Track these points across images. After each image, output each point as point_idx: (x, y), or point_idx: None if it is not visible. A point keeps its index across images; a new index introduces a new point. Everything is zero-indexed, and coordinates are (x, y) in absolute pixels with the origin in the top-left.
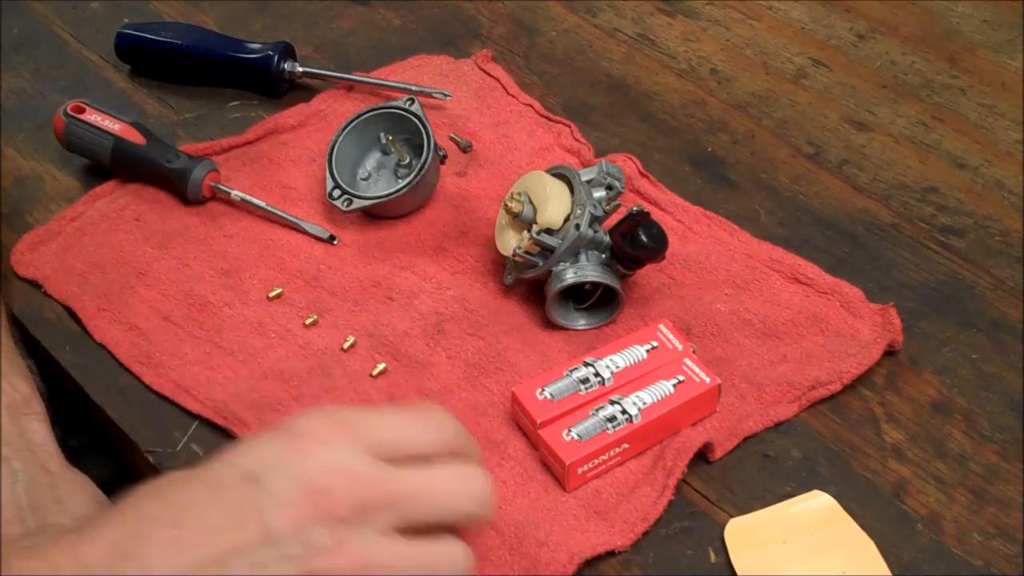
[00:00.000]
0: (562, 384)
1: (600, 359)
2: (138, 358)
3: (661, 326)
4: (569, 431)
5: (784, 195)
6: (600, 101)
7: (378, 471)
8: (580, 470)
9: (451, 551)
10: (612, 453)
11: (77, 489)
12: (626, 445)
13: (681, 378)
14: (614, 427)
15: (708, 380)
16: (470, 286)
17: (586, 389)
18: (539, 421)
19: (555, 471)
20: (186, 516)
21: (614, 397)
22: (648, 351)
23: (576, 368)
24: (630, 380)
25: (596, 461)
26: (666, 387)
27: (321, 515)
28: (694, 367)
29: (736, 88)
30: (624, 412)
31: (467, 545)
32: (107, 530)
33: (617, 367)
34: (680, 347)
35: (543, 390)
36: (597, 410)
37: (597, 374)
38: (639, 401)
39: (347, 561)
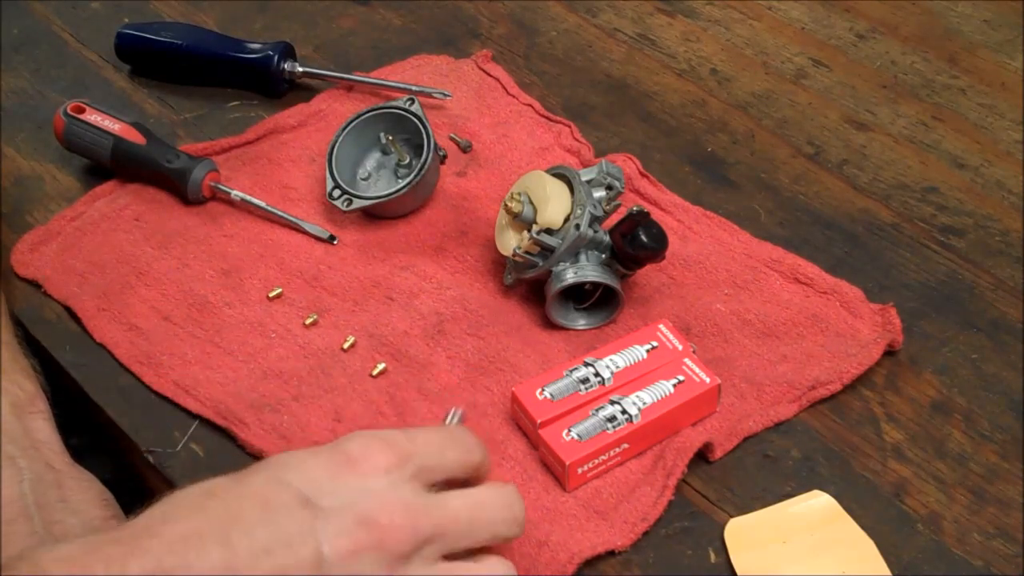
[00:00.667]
0: (562, 384)
1: (600, 359)
2: (138, 358)
3: (661, 326)
4: (569, 431)
5: (784, 195)
6: (600, 101)
7: (428, 503)
8: (580, 470)
9: (494, 568)
10: (612, 453)
11: (82, 487)
12: (626, 445)
13: (681, 378)
14: (614, 427)
15: (708, 380)
16: (470, 286)
17: (586, 389)
18: (539, 421)
19: (555, 471)
20: (234, 535)
21: (614, 397)
22: (648, 351)
23: (576, 368)
24: (630, 380)
25: (596, 461)
26: (666, 387)
27: (374, 547)
28: (694, 367)
29: (736, 88)
30: (624, 412)
31: (509, 563)
32: (153, 546)
33: (617, 367)
34: (680, 347)
35: (543, 390)
36: (597, 410)
37: (597, 374)
38: (639, 401)
39: None
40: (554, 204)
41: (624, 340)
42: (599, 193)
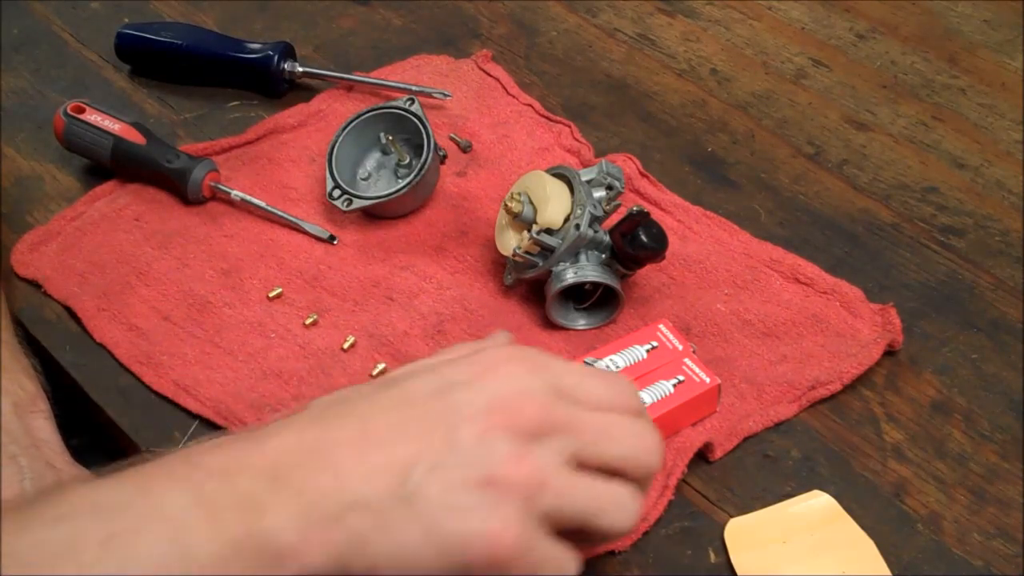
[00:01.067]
0: None
1: (600, 359)
2: (138, 358)
3: (661, 326)
4: None
5: (784, 195)
6: (600, 101)
7: (561, 400)
8: None
9: (622, 495)
10: None
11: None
12: None
13: (681, 378)
14: None
15: (708, 380)
16: (470, 286)
17: None
18: None
19: None
20: (374, 423)
21: None
22: (648, 351)
23: None
24: (633, 380)
25: None
26: (666, 387)
27: (505, 427)
28: (694, 367)
29: (736, 88)
30: None
31: (639, 495)
32: (295, 427)
33: (617, 367)
34: (680, 347)
35: None
36: None
37: None
38: None
39: (527, 473)
40: (554, 204)
41: (624, 340)
42: (599, 193)
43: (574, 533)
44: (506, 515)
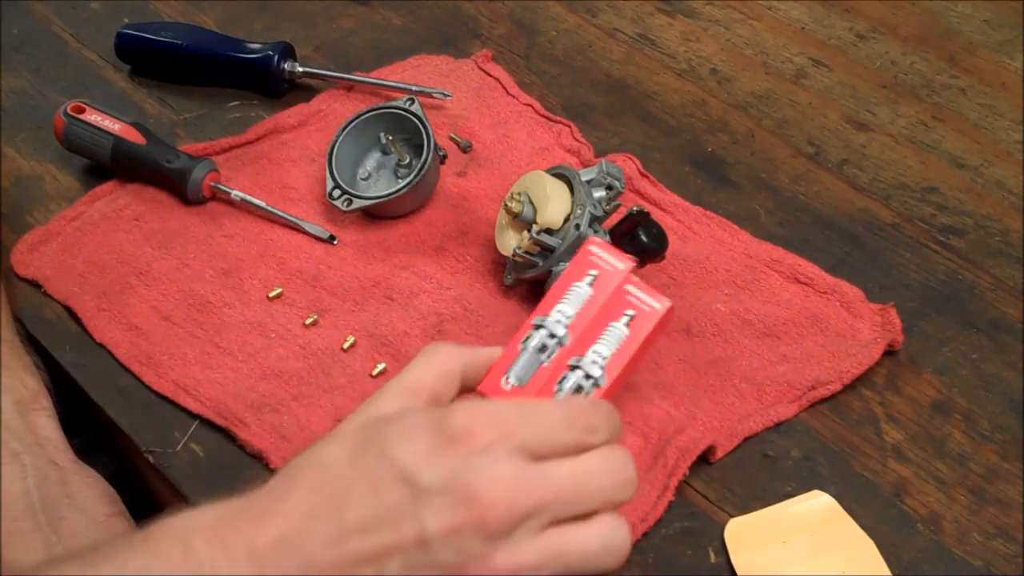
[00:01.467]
0: (523, 362)
1: (547, 316)
2: (138, 358)
3: (591, 247)
4: None
5: (784, 195)
6: (600, 101)
7: (532, 476)
8: None
9: (604, 532)
10: None
11: (87, 484)
12: None
13: (631, 312)
14: (586, 397)
15: (659, 306)
16: (470, 286)
17: (548, 358)
18: None
19: None
20: (347, 513)
21: (572, 361)
22: (591, 283)
23: (529, 336)
24: (585, 327)
25: None
26: (620, 329)
27: (474, 524)
28: (640, 294)
29: (736, 88)
30: (588, 376)
31: (623, 520)
32: (276, 520)
33: (568, 317)
34: (621, 265)
35: (507, 378)
36: (561, 382)
37: (552, 335)
38: (598, 357)
39: (498, 569)
40: (554, 204)
41: (562, 281)
42: (599, 193)
43: None
44: None
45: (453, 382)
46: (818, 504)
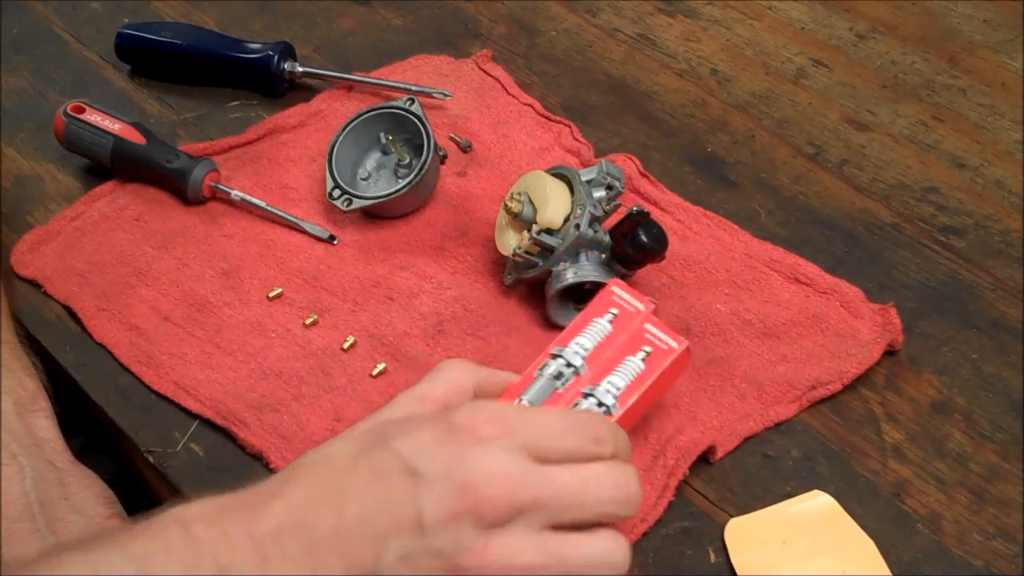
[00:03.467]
0: (538, 387)
1: (565, 347)
2: (138, 358)
3: (614, 287)
4: None
5: (784, 195)
6: (600, 101)
7: (531, 473)
8: None
9: (604, 545)
10: None
11: (85, 485)
12: None
13: (648, 349)
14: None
15: (676, 344)
16: (470, 286)
17: (563, 385)
18: None
19: None
20: (348, 503)
21: (586, 389)
22: (611, 320)
23: (546, 364)
24: (602, 360)
25: None
26: (635, 364)
27: (472, 514)
28: (658, 332)
29: (736, 88)
30: (601, 404)
31: (624, 538)
32: (276, 508)
33: (586, 350)
34: (641, 307)
35: (520, 400)
36: (574, 407)
37: (569, 364)
38: (613, 387)
39: (493, 560)
40: (554, 204)
41: (584, 317)
42: (599, 193)
43: None
44: None
45: (464, 396)
46: (818, 504)
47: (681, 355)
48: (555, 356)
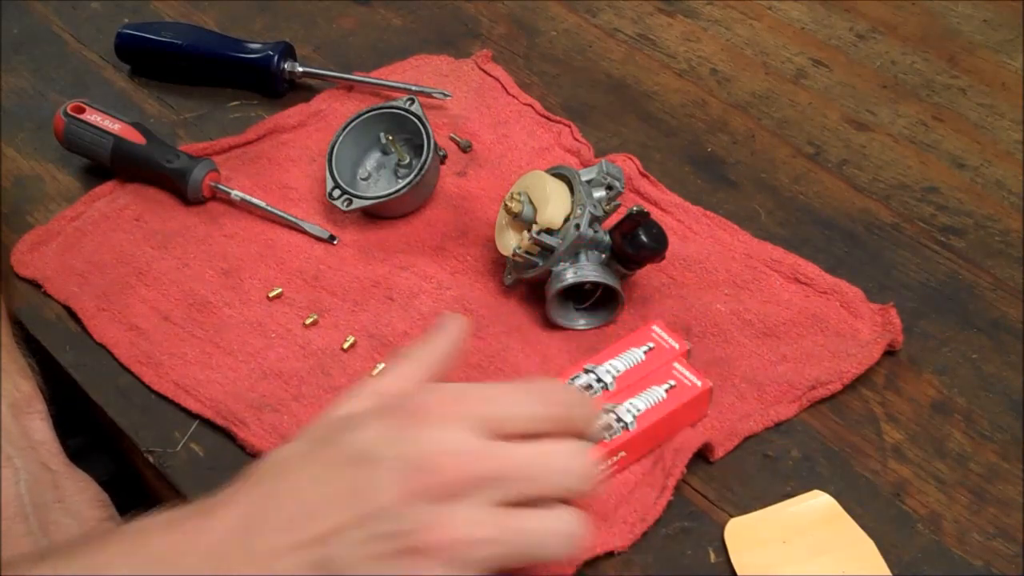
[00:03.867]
0: None
1: (599, 365)
2: (138, 358)
3: (655, 327)
4: None
5: (784, 195)
6: (600, 101)
7: (484, 448)
8: None
9: (559, 519)
10: (610, 462)
11: (79, 488)
12: (623, 453)
13: (672, 383)
14: (611, 436)
15: (699, 384)
16: (470, 286)
17: (591, 396)
18: None
19: None
20: (305, 495)
21: (607, 405)
22: (646, 352)
23: (577, 376)
24: (631, 383)
25: None
26: (659, 392)
27: (426, 492)
28: (684, 371)
29: (736, 88)
30: (619, 420)
31: (580, 513)
32: (226, 513)
33: (617, 371)
34: (676, 346)
35: None
36: None
37: (599, 379)
38: (633, 408)
39: (449, 535)
40: (554, 204)
41: (621, 344)
42: (599, 193)
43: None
44: None
45: (417, 385)
46: (818, 504)
47: (701, 394)
48: (587, 371)
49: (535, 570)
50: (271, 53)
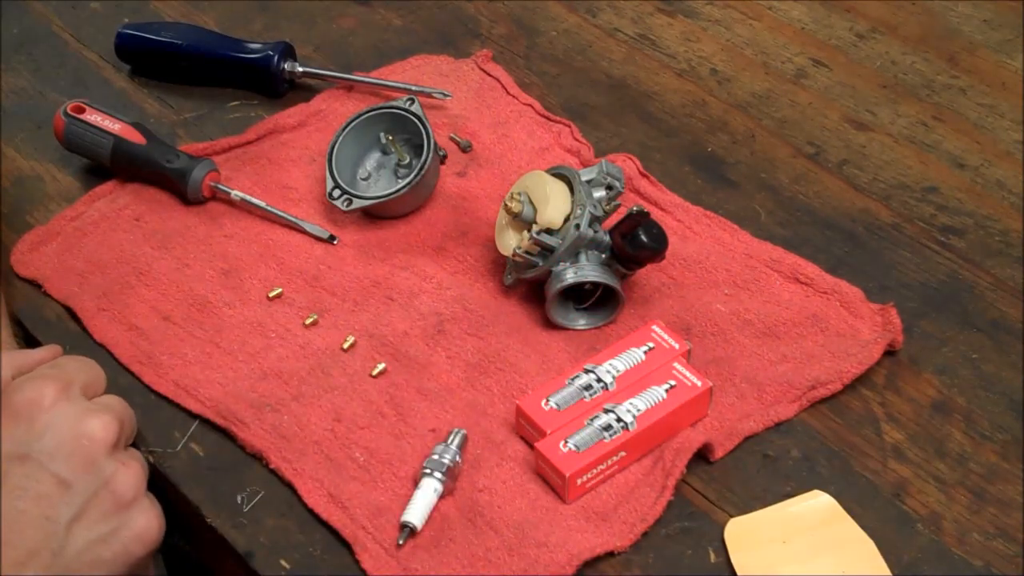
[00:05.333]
0: (566, 393)
1: (600, 365)
2: (138, 358)
3: (654, 327)
4: (566, 442)
5: (784, 195)
6: (600, 101)
7: (103, 405)
8: (580, 481)
9: (98, 403)
10: (610, 462)
11: None
12: (623, 453)
13: (673, 383)
14: (611, 436)
15: (699, 384)
16: (470, 286)
17: (590, 396)
18: (549, 431)
19: (554, 483)
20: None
21: (608, 405)
22: (646, 352)
23: (577, 376)
24: (632, 383)
25: (595, 471)
26: (659, 392)
27: (95, 453)
28: (684, 371)
29: (736, 88)
30: (619, 420)
31: (117, 400)
32: None
33: (618, 371)
34: (676, 346)
35: (548, 400)
36: (592, 419)
37: (599, 379)
38: (633, 408)
39: (134, 470)
40: (554, 204)
41: (621, 344)
42: (599, 193)
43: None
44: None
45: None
46: (818, 504)
47: (701, 394)
48: (588, 371)
49: (534, 568)
50: (271, 53)
